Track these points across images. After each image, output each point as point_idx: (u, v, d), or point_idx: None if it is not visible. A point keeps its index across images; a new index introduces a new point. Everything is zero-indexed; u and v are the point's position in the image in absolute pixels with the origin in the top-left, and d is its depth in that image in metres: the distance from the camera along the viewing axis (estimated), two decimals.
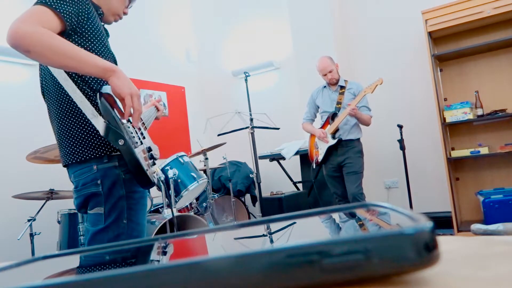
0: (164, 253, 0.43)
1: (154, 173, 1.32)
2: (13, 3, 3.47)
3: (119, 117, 1.20)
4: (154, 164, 1.37)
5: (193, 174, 3.05)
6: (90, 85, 1.27)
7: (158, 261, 0.40)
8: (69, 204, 2.99)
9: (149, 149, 1.34)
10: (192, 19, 5.50)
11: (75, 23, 1.21)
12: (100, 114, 1.21)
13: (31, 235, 2.68)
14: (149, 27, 4.80)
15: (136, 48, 4.47)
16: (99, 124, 1.20)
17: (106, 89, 1.24)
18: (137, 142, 1.25)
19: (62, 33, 1.20)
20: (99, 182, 1.24)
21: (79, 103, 1.23)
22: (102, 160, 1.25)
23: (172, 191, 2.85)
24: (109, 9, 1.39)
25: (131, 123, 1.27)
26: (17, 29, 1.09)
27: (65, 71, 1.23)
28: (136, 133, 1.31)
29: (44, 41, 1.09)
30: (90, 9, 1.26)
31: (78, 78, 1.25)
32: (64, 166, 1.34)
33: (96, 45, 1.27)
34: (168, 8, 5.13)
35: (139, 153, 1.23)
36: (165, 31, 5.05)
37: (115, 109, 1.21)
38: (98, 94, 1.22)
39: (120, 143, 1.15)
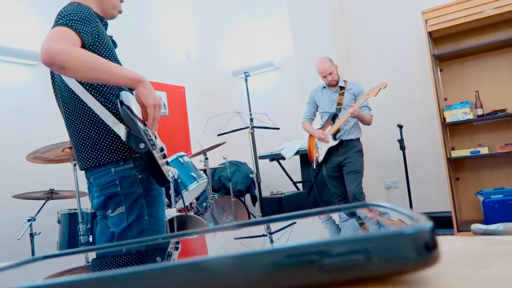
0: (165, 253, 0.43)
1: (168, 171, 1.41)
2: (13, 3, 3.47)
3: (138, 122, 1.28)
4: (167, 163, 1.46)
5: (193, 174, 3.05)
6: (105, 96, 1.34)
7: (158, 261, 0.40)
8: (69, 204, 2.99)
9: (162, 149, 1.43)
10: (192, 19, 5.50)
11: (91, 41, 1.29)
12: (120, 121, 1.30)
13: (31, 235, 2.68)
14: (149, 27, 4.80)
15: (136, 48, 4.46)
16: (121, 130, 1.28)
17: (126, 96, 1.31)
18: (154, 145, 1.32)
19: None
20: (117, 182, 1.33)
21: (100, 113, 1.31)
22: (118, 163, 1.34)
23: (172, 191, 2.85)
24: (107, 6, 1.44)
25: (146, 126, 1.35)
26: (51, 48, 1.15)
27: (81, 85, 1.31)
28: (149, 131, 1.38)
29: (77, 57, 1.16)
30: (99, 26, 1.34)
31: (93, 91, 1.33)
32: (82, 169, 1.42)
33: (108, 58, 1.35)
34: (168, 8, 5.13)
35: (156, 154, 1.31)
36: (165, 31, 5.05)
37: (134, 115, 1.28)
38: (118, 101, 1.29)
39: (141, 147, 1.23)
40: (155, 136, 1.43)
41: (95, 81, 1.25)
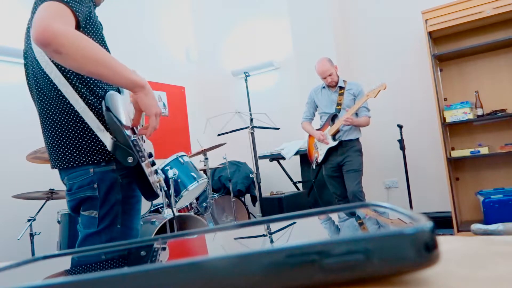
0: (165, 253, 0.43)
1: (157, 182, 1.31)
2: (13, 3, 3.47)
3: (126, 131, 1.15)
4: (156, 172, 1.35)
5: (193, 174, 3.05)
6: (94, 92, 1.19)
7: (158, 261, 0.40)
8: None
9: (150, 155, 1.29)
10: (192, 19, 5.50)
11: (84, 23, 1.15)
12: (106, 129, 1.15)
13: (31, 235, 2.68)
14: (149, 27, 4.80)
15: (136, 48, 4.46)
16: (106, 139, 1.14)
17: (112, 98, 1.16)
18: (143, 156, 1.19)
19: None
20: (95, 186, 1.18)
21: (82, 113, 1.16)
22: (99, 164, 1.19)
23: (172, 191, 2.85)
24: None
25: (135, 133, 1.23)
26: (48, 26, 0.98)
27: (64, 76, 1.16)
28: (139, 141, 1.25)
29: (79, 44, 1.01)
30: (91, 6, 1.20)
31: (80, 85, 1.17)
32: (55, 168, 1.26)
33: (97, 43, 1.21)
34: (167, 7, 5.13)
35: (145, 165, 1.19)
36: (165, 31, 5.05)
37: (121, 123, 1.14)
38: (104, 106, 1.14)
39: (129, 161, 1.10)
40: (143, 140, 1.30)
41: (91, 74, 1.07)
